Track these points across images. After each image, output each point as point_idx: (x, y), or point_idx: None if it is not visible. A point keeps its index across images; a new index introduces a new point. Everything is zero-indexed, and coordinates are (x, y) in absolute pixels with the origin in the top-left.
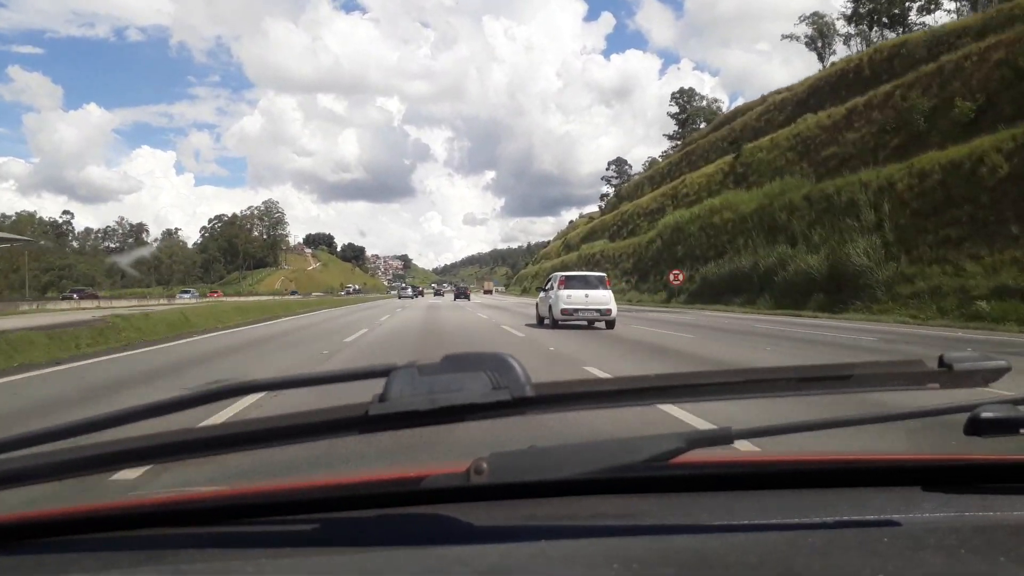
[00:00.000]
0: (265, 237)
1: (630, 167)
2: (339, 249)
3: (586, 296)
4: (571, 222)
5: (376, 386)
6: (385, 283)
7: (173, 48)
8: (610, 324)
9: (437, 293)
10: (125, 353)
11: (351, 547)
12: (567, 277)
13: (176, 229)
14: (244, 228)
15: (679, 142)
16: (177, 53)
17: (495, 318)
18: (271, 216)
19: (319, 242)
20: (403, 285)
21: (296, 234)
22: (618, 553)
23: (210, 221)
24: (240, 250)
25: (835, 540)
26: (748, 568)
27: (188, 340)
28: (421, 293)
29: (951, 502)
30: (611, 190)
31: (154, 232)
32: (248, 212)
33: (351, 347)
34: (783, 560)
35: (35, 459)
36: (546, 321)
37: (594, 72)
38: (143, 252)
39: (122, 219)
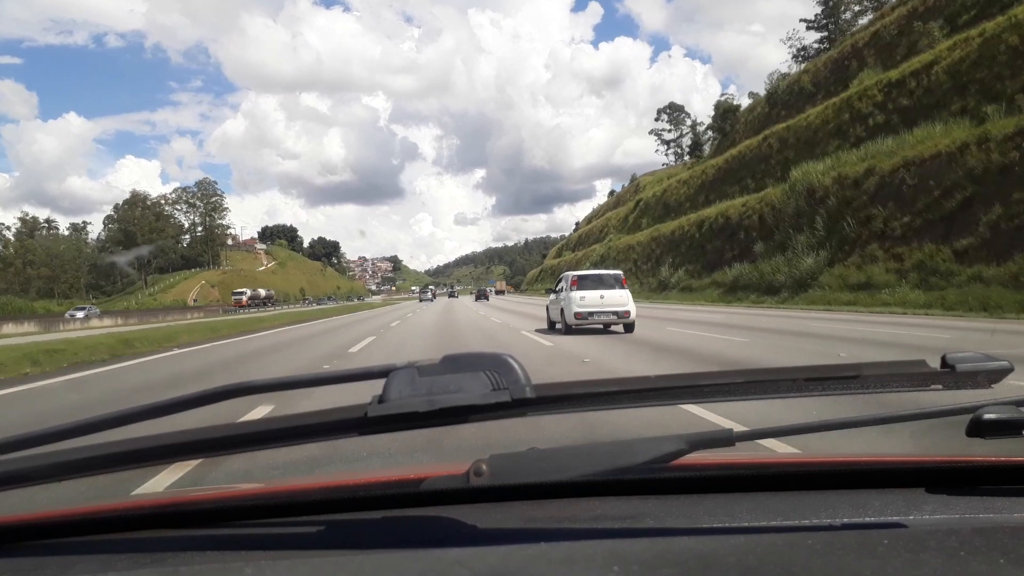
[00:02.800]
0: (200, 230)
1: (688, 115)
2: (307, 245)
3: (601, 297)
4: (613, 192)
5: (376, 387)
6: (373, 286)
7: (154, 53)
8: (629, 327)
9: (451, 295)
10: None
11: (351, 549)
12: (580, 277)
13: (84, 223)
14: (154, 214)
15: (825, 35)
16: (158, 58)
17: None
18: (207, 201)
19: (279, 236)
20: (424, 288)
21: (243, 224)
22: (618, 555)
23: (117, 208)
24: (142, 243)
25: (835, 542)
26: (748, 570)
27: None
28: (434, 296)
29: (952, 504)
30: (664, 147)
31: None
32: (173, 194)
33: None
34: (783, 562)
35: (36, 460)
36: (558, 326)
37: (583, 62)
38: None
39: (26, 214)
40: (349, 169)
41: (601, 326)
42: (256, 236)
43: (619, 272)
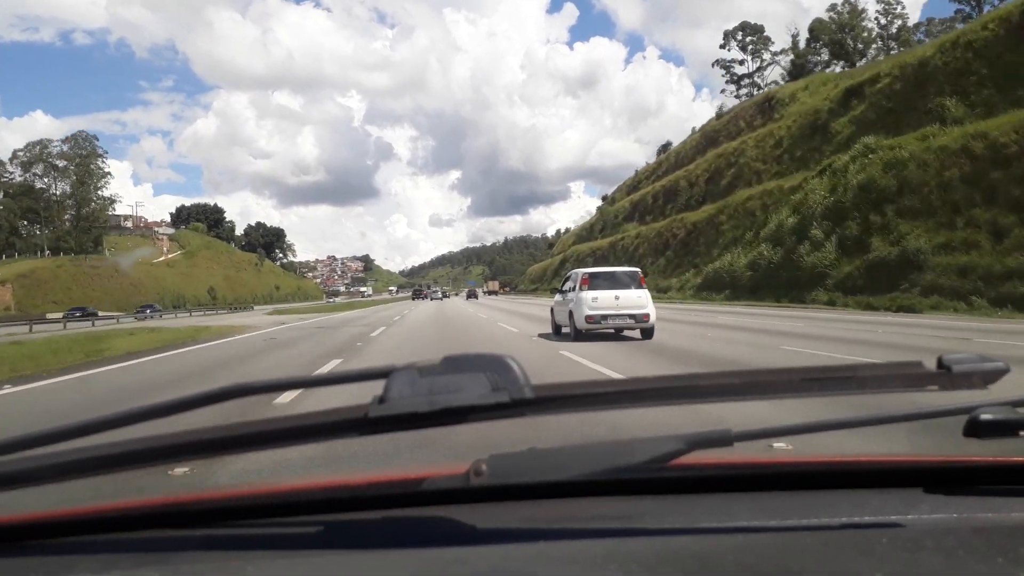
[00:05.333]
0: (70, 212)
1: (769, 38)
2: (242, 232)
3: (616, 298)
4: (668, 145)
5: (376, 387)
6: (343, 287)
7: (123, 51)
8: (647, 333)
9: (445, 296)
10: None
11: (352, 548)
12: (591, 275)
13: None
14: None
15: None
16: (127, 57)
17: None
18: (79, 163)
19: (197, 217)
20: (435, 289)
21: (139, 201)
22: (617, 554)
23: None
24: None
25: (833, 541)
26: (746, 569)
27: None
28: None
29: (950, 504)
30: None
31: None
32: (24, 153)
33: None
34: (781, 561)
35: (38, 461)
36: (564, 330)
37: (559, 63)
38: None
39: None
40: (323, 169)
41: (612, 330)
42: (169, 219)
43: (636, 269)
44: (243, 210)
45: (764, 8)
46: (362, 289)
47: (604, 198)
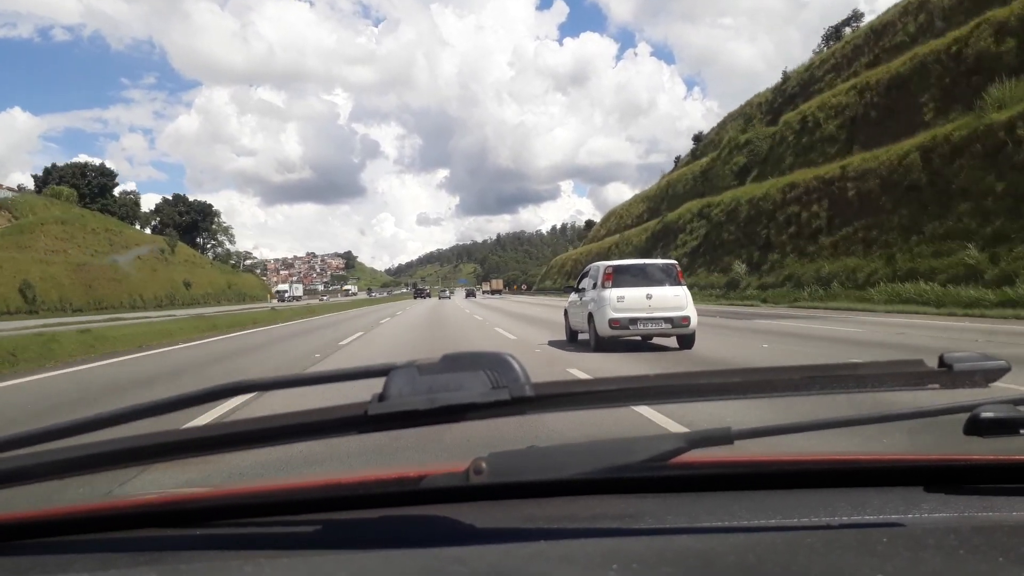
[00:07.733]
0: None
1: None
2: (152, 208)
3: (648, 297)
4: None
5: (375, 385)
6: (321, 286)
7: (101, 46)
8: (686, 341)
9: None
10: None
11: (350, 547)
12: (616, 269)
13: None
14: None
15: None
16: (104, 52)
17: None
18: None
19: (72, 180)
20: (442, 288)
21: None
22: (617, 553)
23: None
24: None
25: (834, 540)
26: (747, 568)
27: None
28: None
29: (951, 502)
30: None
31: None
32: None
33: None
34: (782, 561)
35: (33, 458)
36: (583, 337)
37: (548, 59)
38: None
39: None
40: (308, 167)
41: (640, 338)
42: (33, 182)
43: (673, 262)
44: (228, 208)
45: (758, 3)
46: (281, 287)
47: (697, 138)
